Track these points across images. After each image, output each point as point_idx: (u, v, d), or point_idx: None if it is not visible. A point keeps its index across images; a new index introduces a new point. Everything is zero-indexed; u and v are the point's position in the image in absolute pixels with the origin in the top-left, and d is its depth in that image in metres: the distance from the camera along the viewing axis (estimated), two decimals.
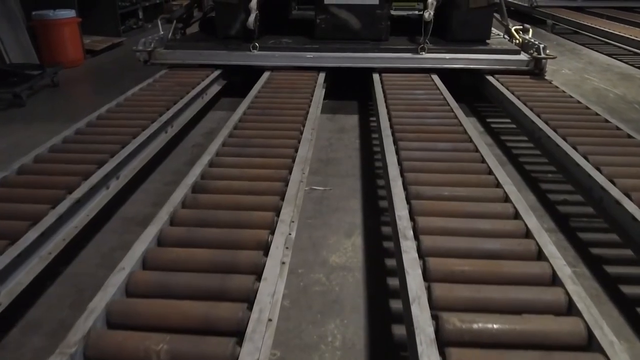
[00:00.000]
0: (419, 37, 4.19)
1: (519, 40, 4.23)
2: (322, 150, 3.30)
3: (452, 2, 4.07)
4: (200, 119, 3.94)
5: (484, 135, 3.59)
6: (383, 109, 3.05)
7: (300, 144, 2.51)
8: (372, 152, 3.31)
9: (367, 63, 4.00)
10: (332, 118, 3.98)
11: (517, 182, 2.87)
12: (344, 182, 2.85)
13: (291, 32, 4.69)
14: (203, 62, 4.13)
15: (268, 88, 3.59)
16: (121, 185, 2.44)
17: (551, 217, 2.52)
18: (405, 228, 1.73)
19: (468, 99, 4.24)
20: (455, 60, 3.93)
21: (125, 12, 7.93)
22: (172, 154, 3.29)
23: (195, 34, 4.86)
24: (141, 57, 4.15)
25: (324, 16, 4.23)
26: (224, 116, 4.00)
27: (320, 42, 4.19)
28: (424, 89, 3.51)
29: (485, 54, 3.98)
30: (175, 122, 3.14)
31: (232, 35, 4.31)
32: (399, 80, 3.75)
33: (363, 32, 4.25)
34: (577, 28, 7.53)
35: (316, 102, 3.27)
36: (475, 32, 4.16)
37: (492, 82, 3.77)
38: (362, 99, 4.35)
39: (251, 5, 4.03)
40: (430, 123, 2.81)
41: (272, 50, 4.14)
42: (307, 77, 3.86)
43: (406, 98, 3.27)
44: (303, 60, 4.03)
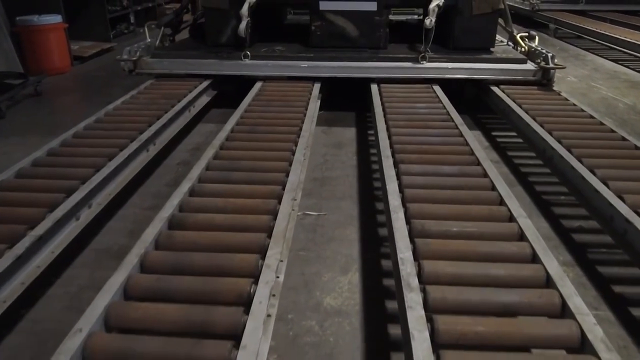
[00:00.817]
0: (419, 45, 3.97)
1: (524, 48, 4.02)
2: (316, 168, 3.08)
3: (454, 8, 3.86)
4: (188, 133, 3.72)
5: (490, 151, 3.37)
6: (382, 125, 2.83)
7: (292, 167, 2.28)
8: (370, 170, 3.08)
9: (365, 73, 3.78)
10: (328, 131, 3.75)
11: (527, 205, 2.65)
12: (340, 205, 2.63)
13: (285, 38, 4.47)
14: (191, 71, 3.90)
15: (259, 100, 3.37)
16: (94, 215, 2.21)
17: (567, 248, 2.29)
18: (409, 275, 1.51)
19: (471, 109, 4.03)
20: (458, 70, 3.71)
21: (116, 16, 7.69)
22: (154, 173, 3.06)
23: (185, 41, 4.63)
24: (126, 67, 3.92)
25: (319, 23, 4.01)
26: (213, 129, 3.79)
27: (315, 51, 3.97)
28: (426, 101, 3.29)
29: (490, 64, 3.76)
30: (157, 140, 2.91)
31: (222, 43, 4.09)
32: (399, 91, 3.53)
33: (360, 40, 4.03)
34: (581, 32, 7.32)
35: (310, 116, 3.05)
36: (478, 40, 3.95)
37: (498, 93, 3.55)
38: (360, 109, 4.13)
39: (242, 11, 3.81)
40: (434, 142, 2.58)
41: (265, 59, 3.92)
42: (301, 88, 3.64)
43: (407, 112, 3.05)
44: (297, 70, 3.81)
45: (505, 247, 1.68)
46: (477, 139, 3.46)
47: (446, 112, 3.06)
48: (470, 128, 2.91)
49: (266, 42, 4.31)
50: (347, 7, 3.94)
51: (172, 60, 3.96)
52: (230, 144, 2.58)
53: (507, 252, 1.66)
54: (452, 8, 3.86)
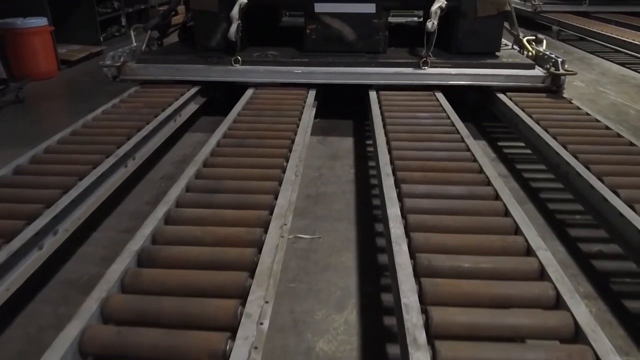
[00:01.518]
0: (420, 49, 3.75)
1: (531, 53, 3.79)
2: (310, 184, 2.85)
3: (458, 10, 3.63)
4: (175, 143, 3.49)
5: (497, 163, 3.15)
6: (381, 138, 2.60)
7: (282, 188, 2.05)
8: (369, 185, 2.85)
9: (363, 79, 3.55)
10: (324, 141, 3.52)
11: (541, 226, 2.42)
12: (336, 227, 2.40)
13: (280, 42, 4.24)
14: (178, 78, 3.67)
15: (250, 109, 3.14)
16: (60, 243, 1.98)
17: (586, 276, 2.07)
18: (415, 327, 1.28)
19: (474, 116, 3.80)
20: (462, 77, 3.48)
21: (107, 18, 7.46)
22: (135, 189, 2.82)
23: (174, 45, 4.40)
24: (109, 73, 3.69)
25: (314, 26, 3.79)
26: (201, 139, 3.56)
27: (310, 55, 3.75)
28: (428, 111, 3.06)
29: (496, 69, 3.54)
30: (138, 154, 2.68)
31: (212, 48, 3.87)
32: (399, 99, 3.30)
33: (358, 44, 3.80)
34: (585, 35, 7.11)
35: (304, 127, 2.82)
36: (483, 44, 3.72)
37: (504, 101, 3.32)
38: (358, 116, 3.90)
39: (232, 14, 3.58)
40: (439, 157, 2.36)
41: (257, 64, 3.69)
42: (295, 96, 3.41)
43: (408, 123, 2.82)
44: (291, 76, 3.58)
45: (525, 289, 1.45)
46: (483, 150, 3.24)
47: (451, 123, 2.83)
48: (474, 137, 2.69)
49: (259, 46, 4.09)
50: (344, 9, 3.72)
51: (158, 66, 3.73)
52: (214, 160, 2.35)
53: (527, 295, 1.43)
54: (455, 10, 3.63)
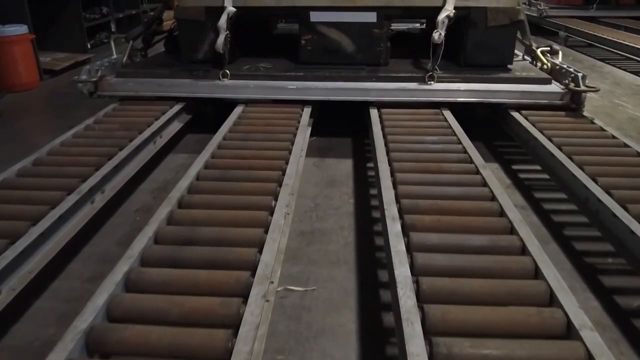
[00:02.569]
0: (425, 62, 3.44)
1: (546, 66, 3.48)
2: (305, 217, 2.53)
3: (467, 19, 3.32)
4: (155, 166, 3.17)
5: (512, 191, 2.83)
6: (385, 168, 2.28)
7: (268, 237, 1.73)
8: (370, 219, 2.54)
9: (363, 95, 3.23)
10: (320, 163, 3.21)
11: (568, 272, 2.11)
12: (334, 275, 2.08)
13: (273, 52, 3.94)
14: (161, 94, 3.35)
15: (238, 131, 2.82)
16: (5, 304, 1.65)
17: (629, 341, 1.75)
18: None
19: (483, 134, 3.49)
20: (472, 93, 3.17)
21: (95, 24, 7.16)
22: (106, 224, 2.50)
23: (159, 57, 4.09)
24: (84, 89, 3.37)
25: (310, 36, 3.47)
26: (185, 162, 3.24)
27: (305, 68, 3.43)
28: (436, 133, 2.75)
29: (509, 84, 3.22)
30: (108, 186, 2.36)
31: (199, 60, 3.55)
32: (403, 118, 2.99)
33: (357, 56, 3.49)
34: (594, 41, 6.82)
35: (297, 153, 2.50)
36: (494, 56, 3.41)
37: (519, 120, 3.01)
38: (357, 132, 3.59)
39: (220, 24, 3.27)
40: (452, 194, 2.04)
41: (247, 78, 3.37)
42: (288, 114, 3.09)
43: (414, 149, 2.50)
44: (284, 92, 3.27)
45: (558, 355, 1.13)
46: (497, 174, 2.93)
47: (463, 149, 2.51)
48: (485, 159, 2.40)
49: (251, 57, 3.78)
50: (342, 18, 3.40)
51: (139, 81, 3.41)
52: (191, 199, 2.03)
53: None
54: (463, 19, 3.32)
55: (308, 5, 3.36)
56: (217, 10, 3.33)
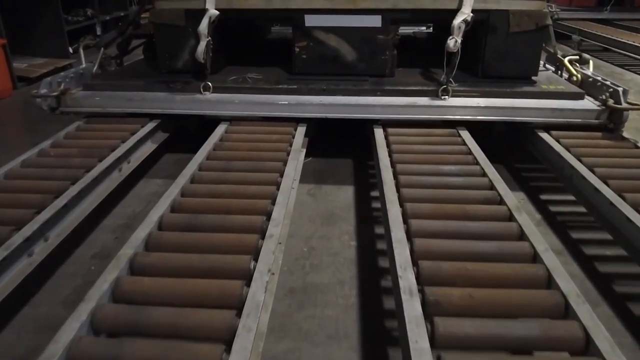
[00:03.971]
0: (436, 71, 3.03)
1: (576, 77, 3.03)
2: (296, 267, 2.07)
3: (486, 24, 2.87)
4: (124, 195, 2.72)
5: (545, 229, 2.38)
6: (395, 212, 1.82)
7: (241, 323, 1.28)
8: (377, 269, 2.08)
9: (366, 112, 2.78)
10: (317, 192, 2.75)
11: (629, 345, 1.65)
12: (331, 355, 1.62)
13: (264, 60, 3.50)
14: (132, 110, 2.90)
15: (217, 157, 2.37)
16: None
17: None
18: None
19: (503, 153, 3.06)
20: (494, 110, 2.71)
21: (79, 27, 6.70)
22: (55, 274, 2.05)
23: (136, 65, 3.64)
24: (44, 105, 2.91)
25: (305, 43, 3.02)
26: (159, 189, 2.79)
27: (300, 80, 2.98)
28: (456, 161, 2.29)
29: (537, 99, 2.77)
30: (53, 232, 1.91)
31: (178, 69, 3.11)
32: (414, 141, 2.54)
33: (359, 66, 3.04)
34: (610, 45, 6.38)
35: (287, 188, 2.05)
36: (517, 66, 2.95)
37: (549, 143, 2.56)
38: (360, 149, 3.15)
39: (200, 29, 2.82)
40: (484, 253, 1.58)
41: (232, 91, 2.92)
42: (279, 135, 2.65)
43: (430, 184, 2.05)
44: (274, 109, 2.81)
45: None
46: (525, 207, 2.48)
47: (489, 184, 2.06)
48: (509, 185, 1.98)
49: (238, 66, 3.34)
50: (342, 22, 2.95)
51: (108, 94, 2.96)
52: (144, 261, 1.57)
53: None
54: (481, 24, 2.87)
55: (302, 8, 2.91)
56: (198, 13, 2.89)
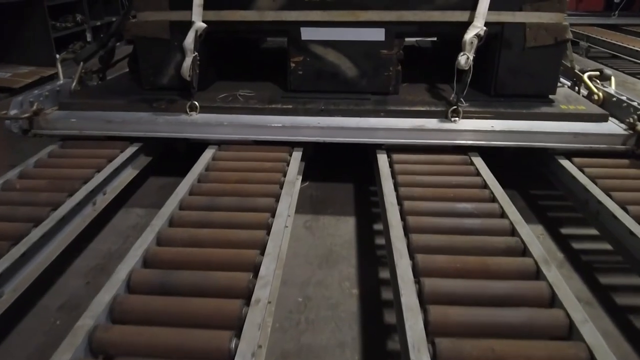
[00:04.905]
0: (443, 88, 2.81)
1: (598, 96, 2.78)
2: (288, 324, 1.81)
3: (499, 38, 2.62)
4: (102, 227, 2.46)
5: (568, 271, 2.12)
6: (405, 266, 1.56)
7: None
8: (383, 325, 1.82)
9: (368, 136, 2.52)
10: (314, 224, 2.50)
11: None
12: None
13: (258, 73, 3.26)
14: (110, 133, 2.64)
15: (201, 192, 2.11)
16: None
17: None
18: None
19: (515, 175, 2.80)
20: (510, 135, 2.45)
21: (68, 34, 6.45)
22: (12, 333, 1.79)
23: (121, 79, 3.38)
24: (14, 128, 2.65)
25: (301, 58, 2.77)
26: (140, 221, 2.53)
27: (295, 99, 2.73)
28: (470, 197, 2.04)
29: (557, 122, 2.52)
30: (7, 287, 1.65)
31: (164, 86, 2.85)
32: (422, 170, 2.29)
33: (361, 83, 2.79)
34: (619, 52, 6.14)
35: (279, 233, 1.78)
36: (533, 84, 2.70)
37: (572, 172, 2.30)
38: (361, 170, 2.90)
39: (186, 43, 2.56)
40: (510, 324, 1.33)
41: (221, 111, 2.67)
42: (272, 162, 2.39)
43: (444, 227, 1.80)
44: (267, 131, 2.55)
45: None
46: (547, 246, 2.22)
47: (510, 227, 1.80)
48: (525, 217, 1.75)
49: (230, 81, 3.09)
50: (342, 36, 2.70)
51: (85, 115, 2.69)
52: (104, 338, 1.30)
53: None
54: (494, 38, 2.62)
55: (298, 20, 2.66)
56: (184, 25, 2.63)
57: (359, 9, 2.61)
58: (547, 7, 2.56)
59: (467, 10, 2.53)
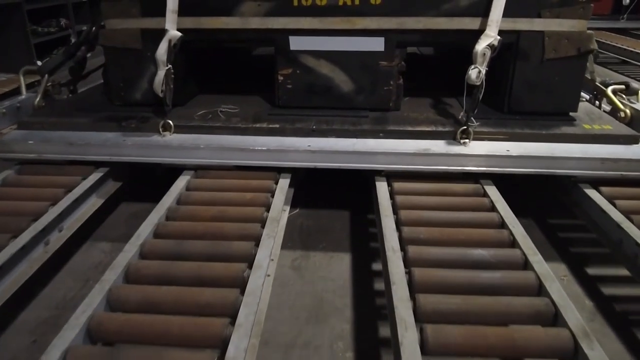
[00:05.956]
0: (449, 103, 2.52)
1: (624, 113, 2.47)
2: None
3: (514, 48, 2.31)
4: (62, 265, 2.14)
5: (599, 324, 1.80)
6: (410, 338, 1.24)
7: None
8: None
9: (366, 161, 2.19)
10: (302, 263, 2.18)
11: None
12: None
13: (245, 85, 2.96)
14: (73, 157, 2.32)
15: (168, 233, 1.79)
16: None
17: None
18: None
19: (529, 195, 2.49)
20: (527, 160, 2.13)
21: (51, 39, 6.13)
22: None
23: (93, 92, 3.06)
24: None
25: (290, 71, 2.46)
26: (104, 259, 2.21)
27: (282, 117, 2.42)
28: (486, 240, 1.72)
29: (579, 144, 2.20)
30: None
31: (137, 101, 2.55)
32: (428, 203, 1.97)
33: (357, 99, 2.48)
34: (628, 57, 5.85)
35: (256, 289, 1.46)
36: (552, 100, 2.39)
37: (600, 205, 1.98)
38: (357, 194, 2.58)
39: (158, 55, 2.24)
40: None
41: (199, 131, 2.35)
42: (254, 193, 2.07)
43: (458, 283, 1.48)
44: (250, 156, 2.23)
45: None
46: (572, 291, 1.90)
47: (536, 282, 1.49)
48: (545, 253, 1.47)
49: (213, 93, 2.78)
50: (336, 45, 2.39)
51: (45, 136, 2.38)
52: None
53: None
54: (508, 48, 2.31)
55: (286, 28, 2.35)
56: (158, 33, 2.31)
57: (355, 16, 2.29)
58: (569, 14, 2.25)
59: (478, 16, 2.22)
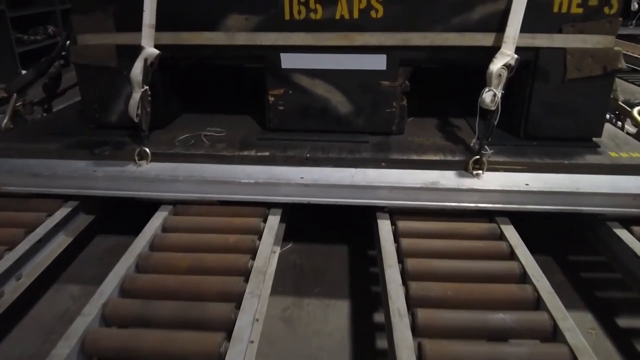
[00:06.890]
0: (458, 122, 2.30)
1: None
2: None
3: (532, 67, 2.06)
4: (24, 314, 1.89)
5: None
6: None
7: None
8: None
9: (367, 196, 1.94)
10: (295, 313, 1.92)
11: None
12: None
13: (235, 103, 2.73)
14: (37, 190, 2.06)
15: (136, 289, 1.54)
16: None
17: None
18: None
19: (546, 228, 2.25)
20: (549, 197, 1.88)
21: (38, 47, 5.89)
22: None
23: (66, 112, 2.82)
24: None
25: (282, 91, 2.21)
26: (71, 306, 1.95)
27: (273, 143, 2.17)
28: (506, 298, 1.47)
29: (606, 176, 1.95)
30: None
31: (111, 125, 2.31)
32: (438, 249, 1.72)
33: (357, 122, 2.23)
34: (639, 65, 5.60)
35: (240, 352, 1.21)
36: (574, 125, 2.14)
37: (633, 247, 1.73)
38: (357, 228, 2.33)
39: (133, 75, 1.99)
40: None
41: (179, 159, 2.10)
42: (239, 234, 1.82)
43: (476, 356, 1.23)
44: (236, 190, 1.98)
45: None
46: (603, 347, 1.65)
47: (569, 354, 1.23)
48: (567, 300, 1.33)
49: (199, 113, 2.55)
50: (333, 64, 2.14)
51: (8, 165, 2.13)
52: None
53: None
54: (526, 67, 2.06)
55: (276, 45, 2.10)
56: (135, 50, 2.06)
57: (353, 31, 2.05)
58: (593, 29, 2.00)
59: (492, 32, 1.98)
